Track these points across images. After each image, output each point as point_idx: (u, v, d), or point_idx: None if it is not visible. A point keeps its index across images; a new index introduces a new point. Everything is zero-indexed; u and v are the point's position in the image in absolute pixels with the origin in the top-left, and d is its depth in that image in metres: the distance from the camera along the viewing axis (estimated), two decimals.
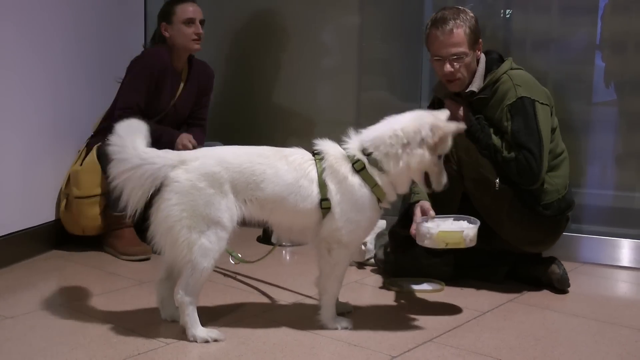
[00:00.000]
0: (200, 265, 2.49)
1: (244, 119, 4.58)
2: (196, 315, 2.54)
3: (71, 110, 3.90)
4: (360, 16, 4.27)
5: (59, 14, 3.80)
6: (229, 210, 2.53)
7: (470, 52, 3.10)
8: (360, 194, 2.62)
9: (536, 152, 2.98)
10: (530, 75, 3.16)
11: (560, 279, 3.16)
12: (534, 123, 3.01)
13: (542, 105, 3.06)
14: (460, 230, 2.81)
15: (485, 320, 2.87)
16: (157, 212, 2.52)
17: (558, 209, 3.13)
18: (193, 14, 3.84)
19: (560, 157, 3.19)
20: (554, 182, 3.13)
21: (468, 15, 3.12)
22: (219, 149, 2.68)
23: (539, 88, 3.14)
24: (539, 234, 3.17)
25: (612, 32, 3.64)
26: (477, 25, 3.12)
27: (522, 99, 3.03)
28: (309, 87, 4.43)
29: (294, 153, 2.68)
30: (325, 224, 2.63)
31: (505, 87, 3.08)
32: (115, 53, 4.12)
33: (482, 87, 3.13)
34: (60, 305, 2.95)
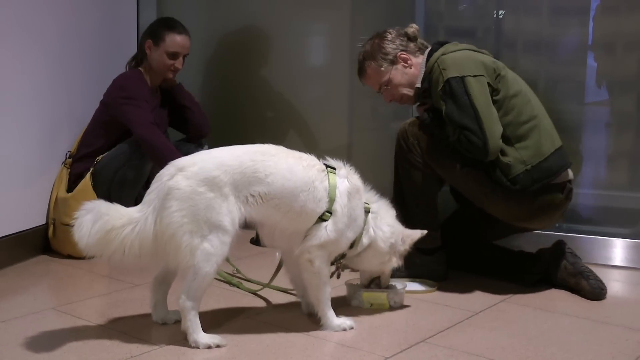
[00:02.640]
0: (202, 270, 2.47)
1: (233, 122, 4.58)
2: (198, 321, 2.52)
3: (61, 116, 3.89)
4: (351, 16, 4.28)
5: (54, 18, 3.80)
6: (230, 214, 2.51)
7: (392, 73, 3.29)
8: (361, 213, 2.76)
9: (472, 126, 2.99)
10: (465, 52, 3.16)
11: (591, 294, 3.11)
12: (466, 99, 3.02)
13: (475, 77, 3.06)
14: (384, 292, 2.94)
15: (477, 320, 2.87)
16: (159, 221, 2.48)
17: (529, 180, 3.06)
18: (180, 49, 3.84)
19: (527, 125, 3.13)
20: (520, 153, 3.08)
21: (368, 48, 3.33)
22: (217, 152, 2.65)
23: (472, 61, 3.12)
24: (522, 209, 3.13)
25: (603, 32, 3.64)
26: (385, 50, 3.28)
27: (448, 81, 3.06)
28: (300, 88, 4.43)
29: (307, 157, 2.72)
30: (314, 230, 2.65)
31: (436, 75, 3.14)
32: (106, 61, 4.13)
33: (422, 80, 3.22)
34: (53, 308, 2.94)
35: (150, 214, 2.50)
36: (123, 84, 3.76)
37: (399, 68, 3.31)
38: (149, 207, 2.52)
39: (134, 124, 3.65)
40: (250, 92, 4.60)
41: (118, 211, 2.52)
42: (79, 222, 2.47)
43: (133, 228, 2.49)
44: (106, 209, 2.50)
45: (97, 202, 2.53)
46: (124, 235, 2.47)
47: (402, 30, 3.34)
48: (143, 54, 3.87)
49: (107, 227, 2.46)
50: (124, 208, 2.55)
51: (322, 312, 2.70)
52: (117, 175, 3.66)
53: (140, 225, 2.49)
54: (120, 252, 2.48)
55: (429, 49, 3.28)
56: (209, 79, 4.62)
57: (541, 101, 3.29)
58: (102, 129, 3.78)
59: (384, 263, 2.88)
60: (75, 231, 2.47)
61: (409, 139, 3.22)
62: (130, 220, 2.50)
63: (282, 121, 4.52)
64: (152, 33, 3.87)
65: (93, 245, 2.46)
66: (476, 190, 3.17)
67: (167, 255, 2.51)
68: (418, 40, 3.34)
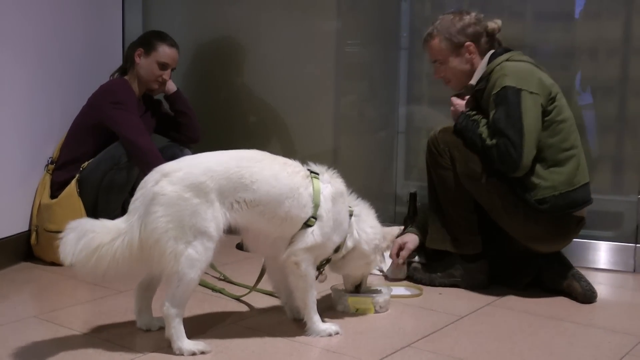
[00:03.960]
0: (187, 277, 2.46)
1: (219, 128, 4.57)
2: (182, 328, 2.50)
3: (44, 122, 3.86)
4: (337, 21, 4.29)
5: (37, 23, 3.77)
6: (215, 220, 2.50)
7: (451, 58, 3.30)
8: (346, 217, 2.78)
9: (515, 139, 3.01)
10: (528, 66, 3.19)
11: (583, 295, 3.13)
12: (517, 111, 3.04)
13: (531, 94, 3.08)
14: (369, 297, 2.96)
15: (462, 324, 2.87)
16: (144, 227, 2.47)
17: (555, 205, 3.09)
18: (170, 60, 3.89)
19: (567, 152, 3.15)
20: (552, 177, 3.10)
21: (445, 20, 3.30)
22: (202, 157, 2.64)
23: (532, 77, 3.14)
24: (538, 230, 3.14)
25: (586, 38, 3.67)
26: (458, 31, 3.26)
27: (505, 88, 3.07)
28: (286, 93, 4.43)
29: (292, 163, 2.72)
30: (301, 235, 2.65)
31: (495, 77, 3.14)
32: (91, 65, 4.11)
33: (479, 79, 3.22)
34: (35, 316, 2.92)
35: (136, 221, 2.49)
36: (112, 90, 3.77)
37: (462, 55, 3.31)
38: (135, 215, 2.51)
39: (123, 128, 3.65)
40: (236, 98, 4.60)
41: (105, 226, 2.51)
42: (63, 241, 2.44)
43: (122, 239, 2.47)
44: (91, 226, 2.49)
45: (81, 220, 2.52)
46: (115, 248, 2.46)
47: (484, 21, 3.31)
48: (131, 63, 3.89)
49: (94, 244, 2.44)
50: (110, 222, 2.54)
51: (307, 317, 2.70)
52: (104, 179, 3.64)
53: (128, 234, 2.48)
54: (114, 266, 2.47)
55: (493, 52, 3.28)
56: (194, 85, 4.61)
57: None
58: (86, 134, 3.76)
59: (369, 264, 2.90)
60: (60, 251, 2.44)
61: (439, 145, 3.23)
62: (118, 233, 2.48)
63: (268, 127, 4.52)
64: (144, 42, 3.90)
65: (80, 264, 2.44)
66: (498, 204, 3.16)
67: (152, 261, 2.50)
68: (496, 36, 3.31)
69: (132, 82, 3.87)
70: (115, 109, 3.68)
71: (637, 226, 3.61)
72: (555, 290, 3.23)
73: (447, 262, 3.31)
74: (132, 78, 3.89)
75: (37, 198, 3.77)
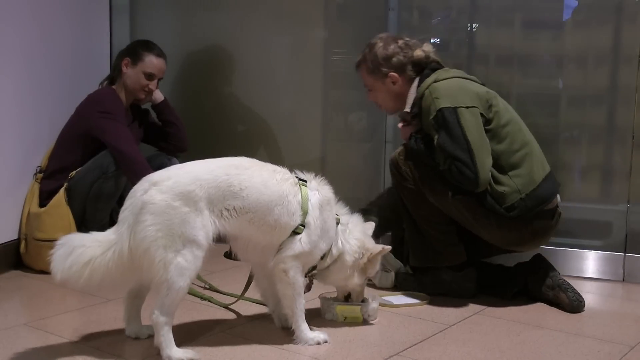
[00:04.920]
0: (176, 285, 2.46)
1: (208, 136, 4.58)
2: (171, 336, 2.50)
3: (33, 130, 3.86)
4: (324, 31, 4.30)
5: (25, 33, 3.76)
6: (204, 228, 2.50)
7: (378, 85, 3.34)
8: (333, 225, 2.78)
9: (465, 159, 3.02)
10: (457, 81, 3.19)
11: (570, 306, 3.13)
12: (459, 131, 3.05)
13: (468, 109, 3.08)
14: (358, 306, 2.93)
15: (451, 333, 2.88)
16: (133, 235, 2.47)
17: (524, 208, 3.10)
18: (157, 71, 3.91)
19: (520, 152, 3.17)
20: (513, 182, 3.11)
21: (373, 50, 3.33)
22: (191, 166, 2.65)
23: (464, 92, 3.14)
24: (515, 235, 3.16)
25: (574, 46, 3.68)
26: (381, 62, 3.30)
27: (440, 111, 3.08)
28: (274, 102, 4.44)
29: (281, 170, 2.73)
30: (289, 242, 2.66)
31: (427, 103, 3.15)
32: (79, 74, 4.12)
33: (412, 105, 3.24)
34: (25, 324, 2.92)
35: (126, 230, 2.50)
36: (100, 99, 3.78)
37: (387, 83, 3.33)
38: (124, 224, 2.51)
39: (111, 138, 3.65)
40: (224, 107, 4.60)
41: (96, 239, 2.52)
42: (53, 258, 2.46)
43: (114, 250, 2.48)
44: (80, 241, 2.50)
45: (70, 236, 2.53)
46: (107, 260, 2.47)
47: (413, 48, 3.32)
48: (118, 72, 3.90)
49: (85, 258, 2.45)
50: (101, 234, 2.56)
51: (296, 325, 2.70)
52: (92, 188, 3.64)
53: (119, 244, 2.49)
54: (108, 277, 2.48)
55: (419, 77, 3.28)
56: (182, 94, 4.62)
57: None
58: (74, 143, 3.76)
59: (346, 278, 2.88)
60: (51, 268, 2.46)
61: (401, 168, 3.24)
62: (110, 244, 2.50)
63: (256, 136, 4.53)
64: (131, 52, 3.91)
65: (73, 279, 2.46)
66: (468, 217, 3.17)
67: (141, 270, 2.50)
68: (426, 62, 3.30)
69: (119, 91, 3.88)
70: (103, 118, 3.68)
71: (626, 235, 3.62)
72: (542, 300, 3.24)
73: (435, 272, 3.31)
74: (119, 87, 3.90)
75: (26, 207, 3.76)
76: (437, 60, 3.31)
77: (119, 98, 3.84)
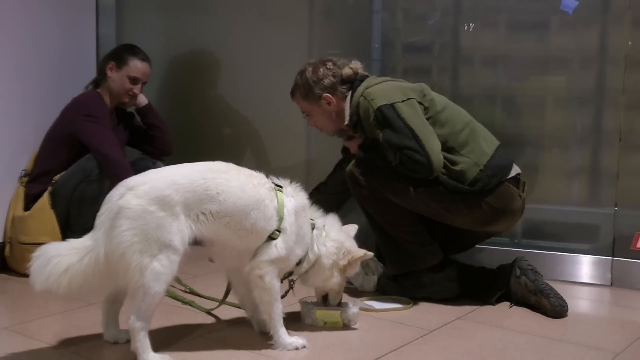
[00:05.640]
0: (152, 290, 2.45)
1: (193, 139, 4.58)
2: (148, 341, 2.50)
3: (19, 134, 3.86)
4: (309, 32, 4.29)
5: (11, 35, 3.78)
6: (180, 233, 2.50)
7: (314, 109, 3.42)
8: (308, 231, 2.79)
9: (413, 145, 3.07)
10: (388, 83, 3.30)
11: (552, 311, 3.09)
12: (400, 122, 3.11)
13: (404, 102, 3.16)
14: (337, 311, 2.93)
15: (432, 338, 2.85)
16: (109, 240, 2.47)
17: (486, 178, 3.16)
18: (141, 75, 3.92)
19: (464, 131, 3.24)
20: (468, 158, 3.18)
21: (304, 75, 3.41)
22: (167, 170, 2.64)
23: (397, 89, 3.24)
24: (486, 211, 3.19)
25: (560, 48, 3.65)
26: (313, 86, 3.37)
27: (379, 109, 3.16)
28: (258, 105, 4.43)
29: (257, 175, 2.73)
30: (264, 248, 2.66)
31: (364, 108, 3.23)
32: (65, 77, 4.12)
33: (350, 117, 3.31)
34: (5, 328, 2.91)
35: (102, 235, 2.49)
36: (85, 103, 3.78)
37: (322, 105, 3.40)
38: (100, 229, 2.51)
39: (94, 141, 3.66)
40: (210, 110, 4.60)
41: (72, 247, 2.53)
42: (31, 270, 2.47)
43: (90, 256, 2.48)
44: (56, 251, 2.50)
45: (46, 246, 2.52)
46: (85, 266, 2.48)
47: (341, 67, 3.40)
48: (103, 76, 3.91)
49: (62, 267, 2.46)
50: (77, 241, 2.56)
51: (274, 330, 2.69)
52: (75, 192, 3.64)
53: (95, 250, 2.49)
54: (87, 282, 2.49)
55: (351, 90, 3.35)
56: (167, 97, 4.62)
57: (499, 116, 3.42)
58: (58, 146, 3.76)
59: (326, 280, 2.87)
60: (30, 280, 2.48)
61: (358, 179, 3.25)
62: (86, 251, 2.50)
63: (242, 139, 4.52)
64: (116, 56, 3.92)
65: (53, 288, 2.47)
66: (436, 207, 3.19)
67: (117, 275, 2.49)
68: (355, 77, 3.37)
69: (104, 95, 3.89)
70: (87, 121, 3.69)
71: (614, 239, 3.58)
72: (525, 305, 3.22)
73: (415, 275, 3.30)
74: (104, 91, 3.90)
75: (10, 210, 3.77)
76: (365, 75, 3.40)
77: (104, 101, 3.84)
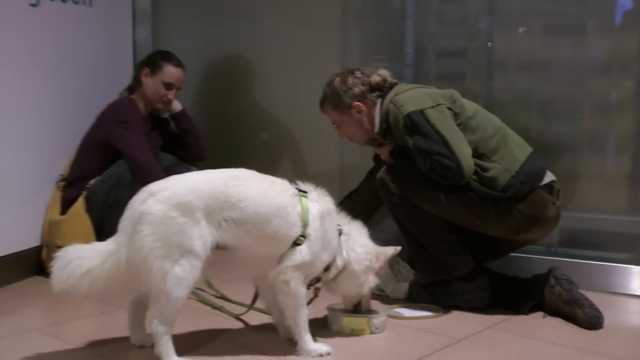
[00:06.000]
0: (174, 295, 2.47)
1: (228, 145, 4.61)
2: (171, 345, 2.51)
3: (59, 139, 3.93)
4: (343, 38, 4.28)
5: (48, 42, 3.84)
6: (201, 238, 2.51)
7: (345, 119, 3.40)
8: (334, 236, 2.77)
9: (443, 150, 3.03)
10: (418, 90, 3.26)
11: (586, 322, 3.00)
12: (429, 128, 3.07)
13: (433, 108, 3.13)
14: (364, 318, 2.91)
15: (459, 347, 2.80)
16: (131, 245, 2.49)
17: (518, 184, 3.09)
18: (176, 81, 3.96)
19: (496, 137, 3.19)
20: (499, 164, 3.12)
21: (332, 86, 3.40)
22: (189, 177, 2.66)
23: (427, 96, 3.20)
24: (519, 219, 3.12)
25: (598, 52, 3.56)
26: (343, 95, 3.35)
27: (408, 115, 3.12)
28: (292, 111, 4.44)
29: (280, 182, 2.72)
30: (289, 253, 2.64)
31: (393, 115, 3.19)
32: (102, 83, 4.18)
33: (380, 124, 3.29)
34: (37, 329, 2.95)
35: (124, 240, 2.52)
36: (118, 109, 3.84)
37: (352, 114, 3.38)
38: (123, 234, 2.54)
39: (127, 147, 3.71)
40: (244, 116, 4.62)
41: (94, 250, 2.56)
42: (52, 270, 2.51)
43: (112, 260, 2.51)
44: (77, 253, 2.53)
45: (67, 248, 2.56)
46: (106, 269, 2.50)
47: (370, 76, 3.38)
48: (137, 82, 3.96)
49: (83, 269, 2.49)
50: (100, 244, 2.59)
51: (298, 336, 2.67)
52: (109, 197, 3.68)
53: (117, 254, 2.51)
54: (109, 286, 2.52)
55: (381, 98, 3.33)
56: (203, 103, 4.65)
57: (534, 122, 3.35)
58: (93, 151, 3.83)
59: (361, 285, 2.85)
60: (51, 280, 2.52)
61: (388, 186, 3.21)
62: (108, 254, 2.52)
63: (275, 146, 4.54)
64: (150, 62, 3.97)
65: (72, 290, 2.51)
66: (467, 215, 3.14)
67: (139, 280, 2.52)
68: (384, 84, 3.35)
69: (138, 101, 3.94)
70: (120, 127, 3.74)
71: None
72: (559, 315, 3.14)
73: (446, 284, 3.25)
74: (138, 97, 3.95)
75: (48, 214, 3.84)
76: (394, 82, 3.37)
77: (137, 107, 3.89)
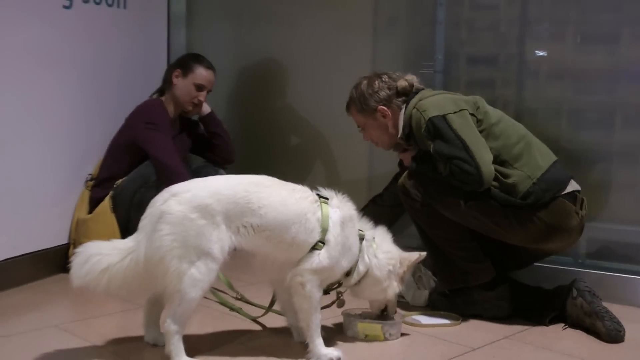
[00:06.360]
0: (188, 296, 2.49)
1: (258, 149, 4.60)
2: (181, 345, 2.52)
3: (84, 137, 3.98)
4: (373, 44, 4.25)
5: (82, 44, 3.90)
6: (219, 242, 2.52)
7: (370, 123, 3.38)
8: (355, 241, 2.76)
9: (464, 155, 3.00)
10: (441, 95, 3.24)
11: (607, 335, 2.93)
12: (451, 133, 3.05)
13: (456, 113, 3.11)
14: (379, 324, 2.90)
15: (473, 356, 2.76)
16: (150, 243, 2.52)
17: (539, 192, 3.04)
18: (206, 82, 3.98)
19: (519, 145, 3.15)
20: (521, 171, 3.07)
21: (359, 88, 3.38)
22: (212, 180, 2.69)
23: (450, 101, 3.18)
24: (540, 227, 3.07)
25: (632, 60, 3.47)
26: (368, 99, 3.33)
27: (430, 120, 3.09)
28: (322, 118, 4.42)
29: (301, 189, 2.73)
30: (307, 257, 2.64)
31: (416, 120, 3.16)
32: (136, 85, 4.21)
33: (403, 128, 3.26)
34: (55, 326, 3.00)
35: (143, 238, 2.55)
36: (146, 110, 3.89)
37: (377, 118, 3.36)
38: (142, 233, 2.57)
39: (153, 148, 3.74)
40: (273, 119, 4.62)
41: (114, 247, 2.59)
42: (72, 265, 2.56)
43: (131, 257, 2.54)
44: (97, 250, 2.57)
45: (88, 244, 2.61)
46: (125, 266, 2.54)
47: (397, 80, 3.36)
48: (169, 84, 3.99)
49: (102, 266, 2.52)
50: (120, 241, 2.64)
51: (310, 339, 2.66)
52: (135, 197, 3.72)
53: (136, 252, 2.54)
54: (127, 283, 2.55)
55: (406, 103, 3.31)
56: (234, 106, 4.67)
57: (565, 131, 3.28)
58: (121, 152, 3.87)
59: (384, 290, 2.84)
60: (70, 275, 2.57)
61: (409, 191, 3.20)
62: (127, 252, 2.56)
63: (304, 150, 4.52)
64: (182, 64, 4.00)
65: (91, 286, 2.55)
66: (487, 222, 3.10)
67: (155, 278, 2.54)
68: (410, 90, 3.33)
69: (168, 103, 3.97)
70: (147, 129, 3.78)
71: None
72: (580, 328, 3.06)
73: (466, 292, 3.21)
74: (168, 99, 3.98)
75: (76, 213, 3.89)
76: (421, 88, 3.34)
77: (165, 109, 3.93)
